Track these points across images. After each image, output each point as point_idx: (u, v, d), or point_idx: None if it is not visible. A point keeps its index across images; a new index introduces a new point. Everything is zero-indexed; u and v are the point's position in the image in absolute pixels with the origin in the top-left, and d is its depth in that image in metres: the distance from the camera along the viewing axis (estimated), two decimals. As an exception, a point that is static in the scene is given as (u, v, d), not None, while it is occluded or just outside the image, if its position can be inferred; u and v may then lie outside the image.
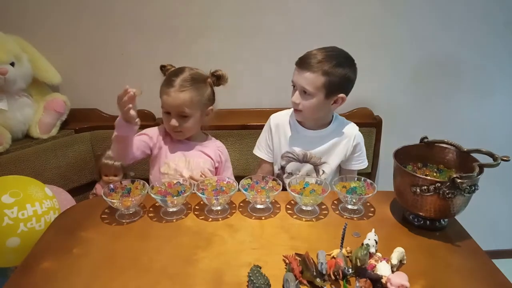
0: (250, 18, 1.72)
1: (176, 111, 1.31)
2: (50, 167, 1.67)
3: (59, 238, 1.07)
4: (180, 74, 1.31)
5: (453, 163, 1.16)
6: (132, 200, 1.11)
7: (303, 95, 1.32)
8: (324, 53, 1.29)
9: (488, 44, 1.80)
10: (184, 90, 1.29)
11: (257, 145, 1.53)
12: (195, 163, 1.38)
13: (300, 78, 1.30)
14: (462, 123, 1.92)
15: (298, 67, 1.31)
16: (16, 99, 1.60)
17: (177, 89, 1.28)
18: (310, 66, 1.27)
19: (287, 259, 0.94)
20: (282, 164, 1.47)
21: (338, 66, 1.27)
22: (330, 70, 1.26)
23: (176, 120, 1.32)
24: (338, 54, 1.31)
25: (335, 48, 1.33)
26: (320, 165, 1.44)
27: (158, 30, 1.72)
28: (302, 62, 1.30)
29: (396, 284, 0.82)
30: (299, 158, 1.44)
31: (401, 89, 1.87)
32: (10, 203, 1.23)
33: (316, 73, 1.27)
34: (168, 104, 1.30)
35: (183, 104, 1.29)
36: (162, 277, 0.91)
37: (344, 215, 1.17)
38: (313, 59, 1.27)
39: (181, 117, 1.32)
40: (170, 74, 1.34)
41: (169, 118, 1.33)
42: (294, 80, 1.34)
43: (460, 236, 1.07)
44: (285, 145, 1.45)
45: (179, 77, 1.30)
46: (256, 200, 1.16)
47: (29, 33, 1.66)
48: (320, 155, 1.43)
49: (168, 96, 1.29)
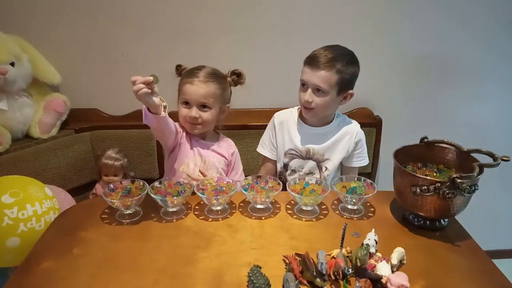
0: (250, 18, 1.72)
1: (199, 101, 1.31)
2: (50, 167, 1.67)
3: (59, 238, 1.07)
4: (202, 69, 1.34)
5: (453, 163, 1.16)
6: (132, 200, 1.11)
7: (316, 93, 1.34)
8: (334, 51, 1.33)
9: (489, 44, 1.80)
10: (208, 81, 1.30)
11: (261, 143, 1.55)
12: (211, 163, 1.39)
13: (314, 77, 1.32)
14: (462, 123, 1.92)
15: (310, 66, 1.33)
16: (16, 99, 1.60)
17: (202, 80, 1.30)
18: (324, 65, 1.30)
19: (287, 259, 0.94)
20: (285, 161, 1.49)
21: (348, 64, 1.33)
22: (342, 68, 1.31)
23: (197, 111, 1.31)
24: (346, 52, 1.36)
25: (341, 47, 1.37)
26: (323, 162, 1.46)
27: (158, 30, 1.72)
28: (314, 61, 1.33)
29: (396, 284, 0.82)
30: (302, 155, 1.46)
31: (401, 89, 1.87)
32: (10, 203, 1.23)
33: (331, 72, 1.31)
34: (192, 92, 1.30)
35: (207, 94, 1.30)
36: (162, 277, 0.91)
37: (344, 215, 1.17)
38: (325, 58, 1.31)
39: (202, 108, 1.32)
40: (190, 69, 1.35)
41: (189, 109, 1.32)
42: (305, 79, 1.35)
43: (460, 236, 1.07)
44: (289, 142, 1.47)
45: (202, 71, 1.32)
46: (256, 200, 1.16)
47: (29, 33, 1.66)
48: (323, 152, 1.45)
49: (192, 85, 1.29)
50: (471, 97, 1.89)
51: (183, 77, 1.34)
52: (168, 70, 1.35)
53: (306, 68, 1.35)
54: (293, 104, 1.52)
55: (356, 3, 1.71)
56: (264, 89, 1.84)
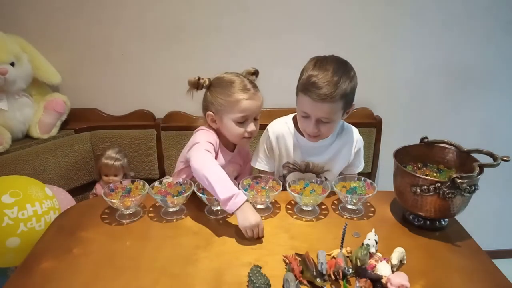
0: (251, 19, 1.72)
1: (256, 113, 1.28)
2: (50, 167, 1.67)
3: (59, 238, 1.07)
4: (243, 79, 1.28)
5: (453, 163, 1.16)
6: (132, 200, 1.11)
7: (321, 122, 1.22)
8: (334, 74, 1.15)
9: (489, 44, 1.80)
10: (257, 90, 1.28)
11: (255, 157, 1.43)
12: (229, 173, 1.30)
13: (317, 111, 1.18)
14: (462, 123, 1.92)
15: (311, 98, 1.16)
16: (16, 99, 1.60)
17: (254, 92, 1.26)
18: (328, 96, 1.14)
19: (287, 259, 0.94)
20: (284, 173, 1.43)
21: (350, 81, 1.18)
22: (346, 91, 1.16)
23: (254, 124, 1.28)
24: (341, 64, 1.20)
25: (334, 59, 1.22)
26: (323, 173, 1.39)
27: (158, 30, 1.72)
28: (314, 93, 1.15)
29: (396, 284, 0.82)
30: (301, 168, 1.39)
31: (401, 89, 1.87)
32: (10, 203, 1.23)
33: (336, 102, 1.16)
34: (253, 108, 1.25)
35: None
36: (162, 277, 0.91)
37: (344, 215, 1.17)
38: (327, 88, 1.14)
39: (255, 120, 1.29)
40: (229, 82, 1.27)
41: (245, 123, 1.26)
42: (308, 112, 1.21)
43: (460, 236, 1.07)
44: (286, 156, 1.39)
45: (244, 81, 1.27)
46: (256, 200, 1.16)
47: (29, 33, 1.66)
48: (322, 164, 1.37)
49: (252, 100, 1.24)
50: (471, 97, 1.89)
51: (234, 94, 1.24)
52: (169, 70, 1.35)
53: (306, 98, 1.18)
54: (292, 104, 1.51)
55: (356, 2, 1.71)
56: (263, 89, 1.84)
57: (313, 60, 1.22)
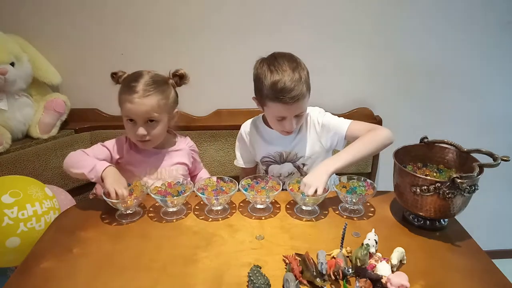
0: (246, 17, 1.71)
1: (143, 118, 1.22)
2: (50, 167, 1.67)
3: (59, 238, 1.07)
4: (140, 79, 1.23)
5: (453, 163, 1.16)
6: (132, 200, 1.11)
7: (297, 117, 1.26)
8: (291, 69, 1.18)
9: (488, 44, 1.79)
10: (148, 94, 1.20)
11: (236, 156, 1.50)
12: (168, 172, 1.34)
13: (295, 110, 1.23)
14: (462, 123, 1.92)
15: (286, 103, 1.18)
16: (16, 99, 1.60)
17: (141, 94, 1.20)
18: (300, 94, 1.18)
19: (287, 259, 0.94)
20: (264, 168, 1.45)
21: (301, 67, 1.22)
22: (306, 77, 1.22)
23: (144, 128, 1.23)
24: (289, 57, 1.23)
25: (281, 55, 1.24)
26: (298, 160, 1.38)
27: (158, 30, 1.71)
28: (287, 97, 1.17)
29: (396, 284, 0.82)
30: (276, 160, 1.41)
31: (401, 89, 1.87)
32: (10, 203, 1.23)
33: (306, 94, 1.21)
34: (134, 111, 1.21)
35: (151, 110, 1.21)
36: (162, 277, 0.91)
37: (344, 215, 1.17)
38: (296, 86, 1.17)
39: (149, 124, 1.24)
40: (127, 80, 1.26)
41: (135, 126, 1.23)
42: (284, 115, 1.23)
43: (460, 236, 1.07)
44: (260, 151, 1.41)
45: (139, 82, 1.22)
46: (256, 200, 1.16)
47: (29, 33, 1.66)
48: (296, 151, 1.37)
49: (132, 104, 1.20)
50: (471, 97, 1.89)
51: (122, 92, 1.24)
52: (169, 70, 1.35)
53: (278, 104, 1.19)
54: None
55: (356, 2, 1.70)
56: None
57: (263, 65, 1.24)
